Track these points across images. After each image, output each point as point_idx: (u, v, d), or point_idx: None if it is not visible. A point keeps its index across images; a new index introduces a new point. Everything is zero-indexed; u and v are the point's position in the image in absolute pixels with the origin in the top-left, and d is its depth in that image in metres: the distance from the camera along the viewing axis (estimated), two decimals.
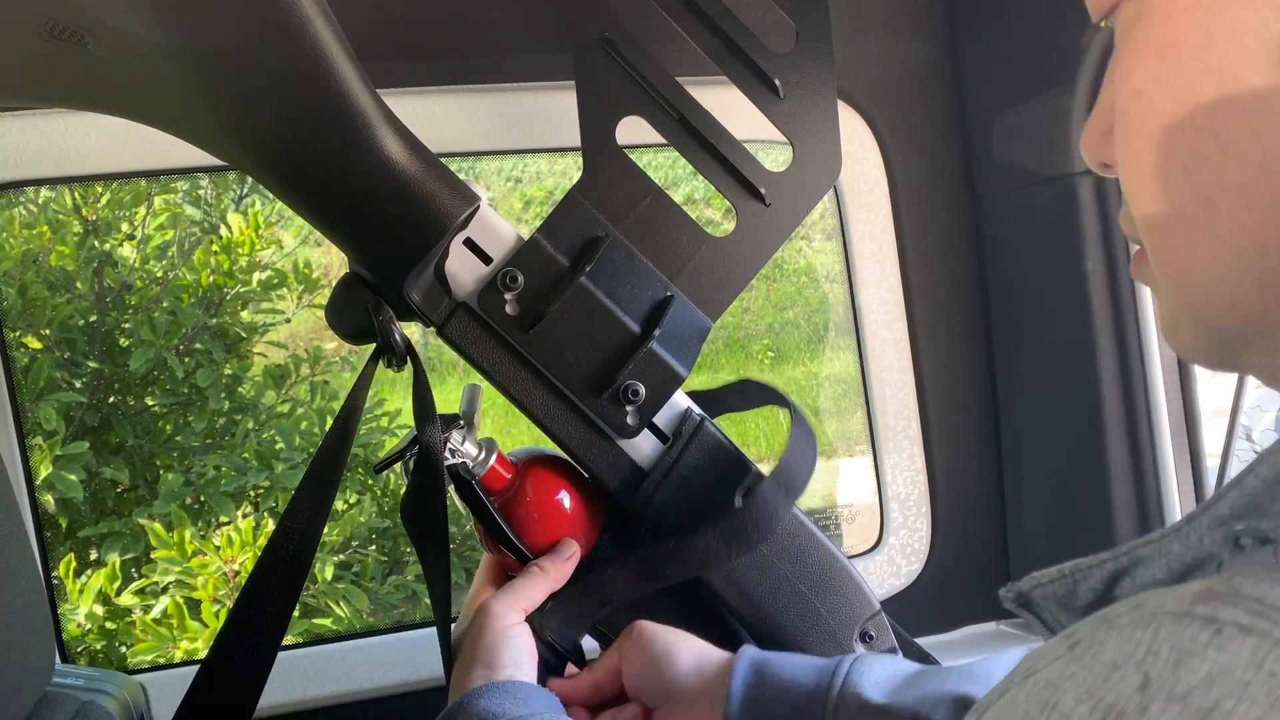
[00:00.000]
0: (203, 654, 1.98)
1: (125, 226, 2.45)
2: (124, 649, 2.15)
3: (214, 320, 2.41)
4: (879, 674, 0.65)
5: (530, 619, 0.73)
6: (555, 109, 1.03)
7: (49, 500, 2.15)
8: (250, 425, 2.42)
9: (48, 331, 2.28)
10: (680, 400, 0.77)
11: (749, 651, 0.70)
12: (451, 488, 0.75)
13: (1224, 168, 0.36)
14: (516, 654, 0.68)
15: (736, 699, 0.67)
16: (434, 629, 1.08)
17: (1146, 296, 1.04)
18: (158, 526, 2.13)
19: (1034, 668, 0.30)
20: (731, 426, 0.79)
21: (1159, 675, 0.27)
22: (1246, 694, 0.25)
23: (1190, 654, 0.26)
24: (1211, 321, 0.38)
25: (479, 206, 0.72)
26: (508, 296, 0.72)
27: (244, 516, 2.23)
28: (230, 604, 2.09)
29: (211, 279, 2.38)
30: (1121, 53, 0.40)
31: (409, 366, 0.75)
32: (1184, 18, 0.37)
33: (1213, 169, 0.36)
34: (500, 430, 2.86)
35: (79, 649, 2.12)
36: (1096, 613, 0.30)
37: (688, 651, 0.71)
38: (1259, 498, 0.31)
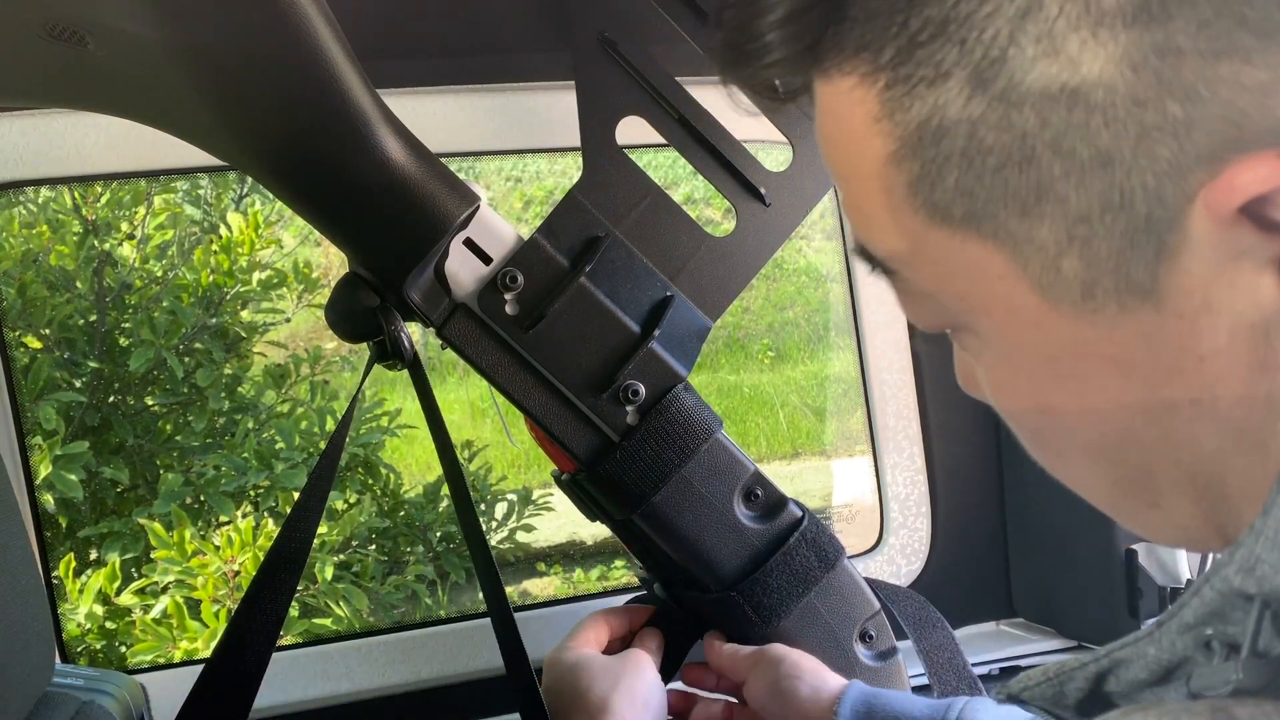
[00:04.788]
0: (203, 654, 1.98)
1: (125, 226, 2.45)
2: (124, 649, 2.15)
3: (214, 320, 2.41)
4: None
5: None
6: (555, 109, 1.03)
7: (49, 500, 2.15)
8: (250, 425, 2.42)
9: (48, 331, 2.29)
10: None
11: (857, 686, 0.72)
12: None
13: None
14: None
15: None
16: (433, 629, 1.07)
17: None
18: (158, 526, 2.13)
19: None
20: (731, 427, 0.79)
21: None
22: None
23: None
24: None
25: (479, 206, 0.72)
26: (507, 297, 0.72)
27: (244, 516, 2.23)
28: (230, 604, 2.09)
29: (211, 279, 2.38)
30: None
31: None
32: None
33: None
34: (498, 430, 2.86)
35: (79, 649, 2.12)
36: None
37: (809, 677, 0.73)
38: (1219, 608, 0.33)
